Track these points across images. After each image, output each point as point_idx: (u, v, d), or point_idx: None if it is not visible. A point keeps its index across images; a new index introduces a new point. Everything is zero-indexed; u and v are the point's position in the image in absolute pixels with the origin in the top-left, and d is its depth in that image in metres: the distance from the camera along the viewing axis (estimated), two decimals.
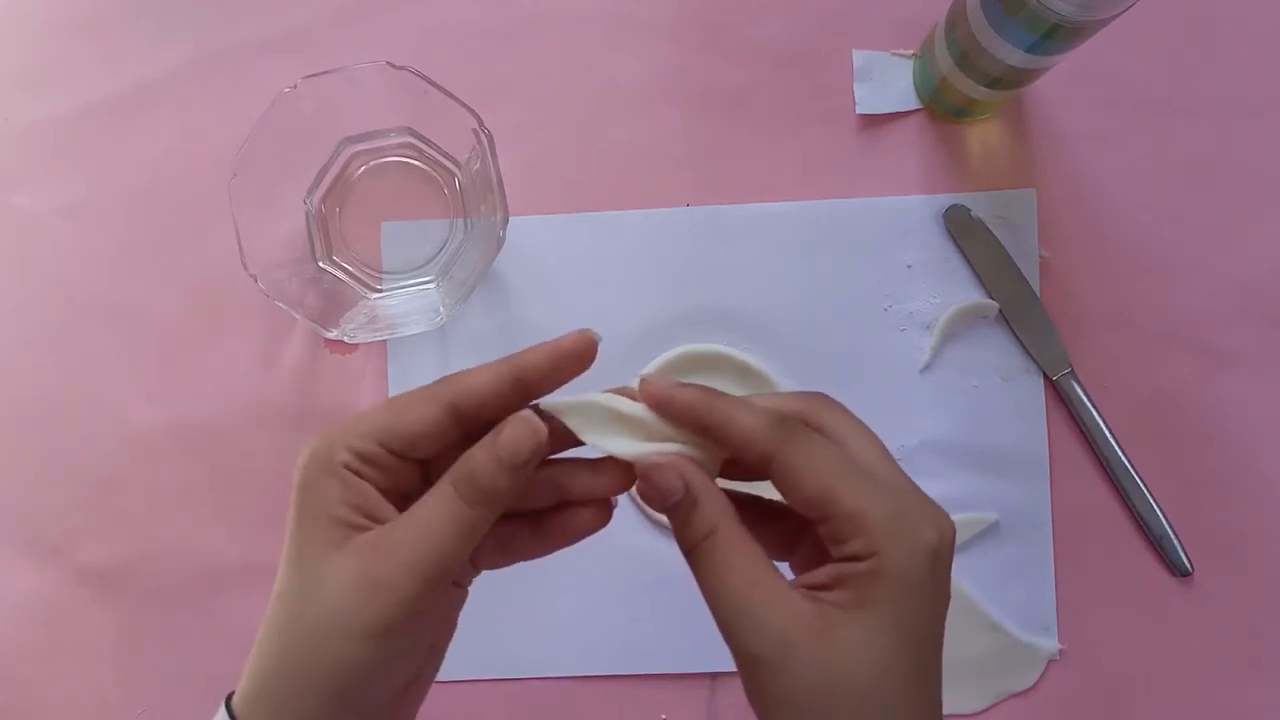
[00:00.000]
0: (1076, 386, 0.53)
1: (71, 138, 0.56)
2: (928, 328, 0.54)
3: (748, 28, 0.55)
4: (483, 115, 0.48)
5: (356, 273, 0.55)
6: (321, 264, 0.54)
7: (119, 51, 0.56)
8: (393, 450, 0.30)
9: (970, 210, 0.54)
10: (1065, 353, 0.53)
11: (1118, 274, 0.54)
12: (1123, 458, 0.52)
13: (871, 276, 0.54)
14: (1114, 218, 0.54)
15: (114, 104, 0.56)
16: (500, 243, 0.48)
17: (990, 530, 0.53)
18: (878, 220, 0.54)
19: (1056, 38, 0.42)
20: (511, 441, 0.29)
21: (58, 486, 0.55)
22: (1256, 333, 0.53)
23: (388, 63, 0.48)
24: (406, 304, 0.54)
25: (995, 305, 0.53)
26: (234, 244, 0.48)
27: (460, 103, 0.48)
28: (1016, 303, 0.53)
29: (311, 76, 0.48)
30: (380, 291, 0.55)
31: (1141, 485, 0.52)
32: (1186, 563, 0.52)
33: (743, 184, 0.55)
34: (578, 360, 0.30)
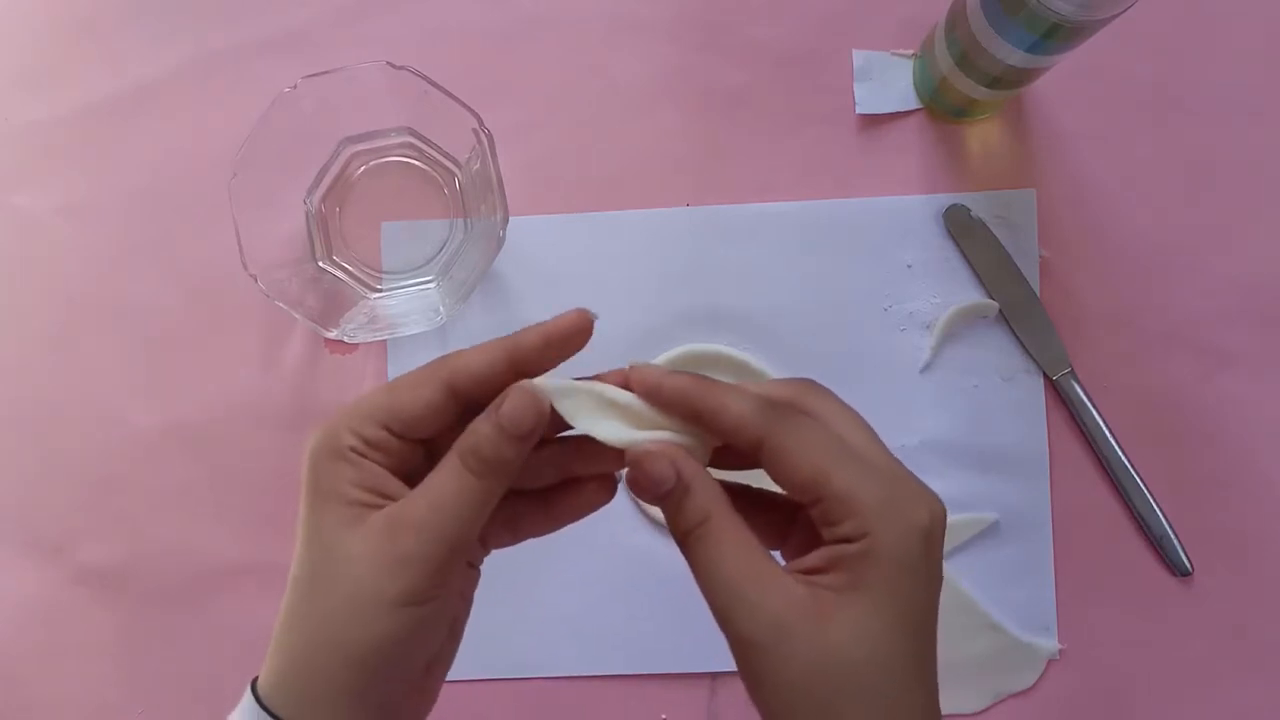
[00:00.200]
0: (1076, 386, 0.53)
1: (71, 138, 0.56)
2: (928, 328, 0.54)
3: (748, 28, 0.55)
4: (483, 115, 0.48)
5: (356, 273, 0.55)
6: (321, 264, 0.54)
7: (119, 51, 0.56)
8: (395, 432, 0.30)
9: (970, 210, 0.54)
10: (1065, 353, 0.53)
11: (1118, 274, 0.54)
12: (1123, 458, 0.52)
13: (871, 276, 0.54)
14: (1114, 218, 0.54)
15: (114, 104, 0.56)
16: (500, 243, 0.48)
17: (990, 530, 0.53)
18: (878, 220, 0.54)
19: (1056, 38, 0.42)
20: (513, 411, 0.29)
21: (58, 486, 0.55)
22: (1256, 333, 0.53)
23: (388, 63, 0.48)
24: (406, 304, 0.54)
25: (995, 305, 0.53)
26: (234, 244, 0.48)
27: (460, 103, 0.48)
28: (1016, 303, 0.53)
29: (311, 76, 0.48)
30: (380, 291, 0.55)
31: (1141, 485, 0.52)
32: (1186, 563, 0.52)
33: (743, 184, 0.55)
34: (574, 339, 0.30)
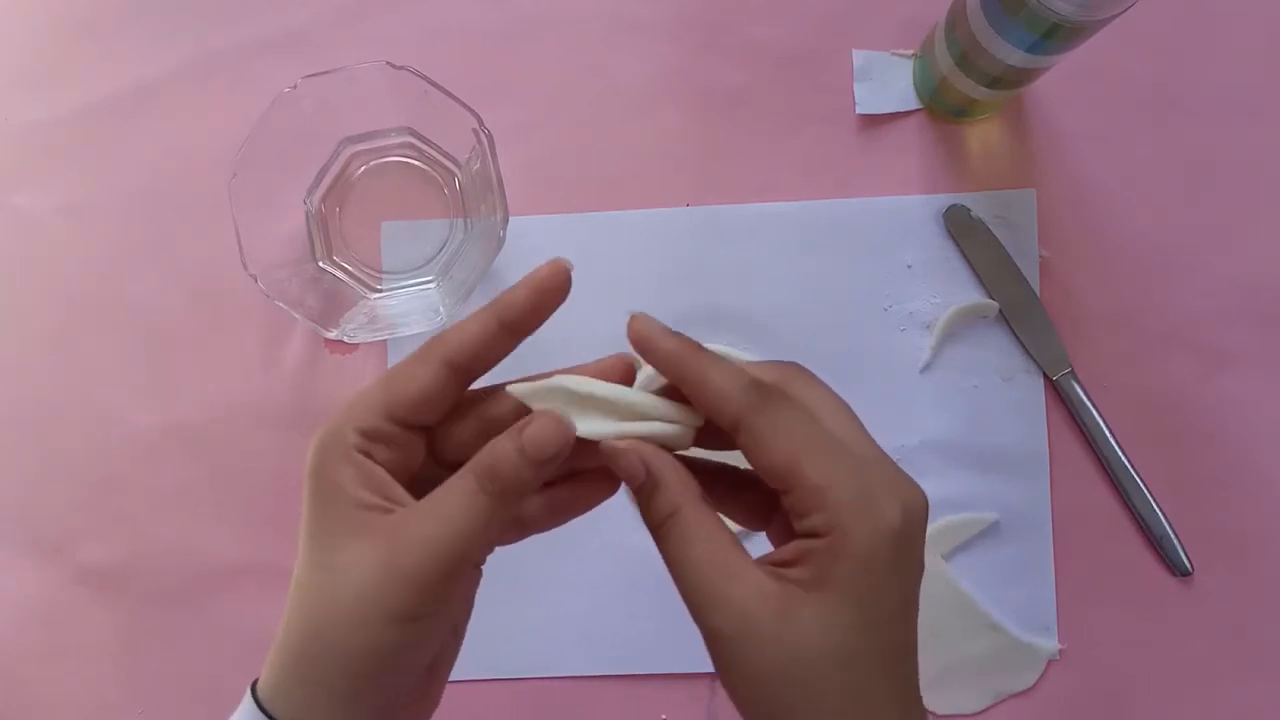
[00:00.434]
0: (1076, 386, 0.53)
1: (71, 138, 0.56)
2: (928, 328, 0.54)
3: (748, 28, 0.55)
4: (483, 115, 0.48)
5: (356, 273, 0.55)
6: (321, 264, 0.54)
7: (119, 51, 0.56)
8: (398, 420, 0.30)
9: (970, 210, 0.54)
10: (1065, 353, 0.53)
11: (1118, 274, 0.54)
12: (1123, 458, 0.52)
13: (871, 276, 0.54)
14: (1114, 218, 0.54)
15: (114, 104, 0.56)
16: (500, 243, 0.48)
17: (990, 530, 0.53)
18: (878, 220, 0.54)
19: (1056, 38, 0.42)
20: (539, 435, 0.28)
21: (58, 486, 0.55)
22: (1256, 333, 0.53)
23: (388, 63, 0.48)
24: (406, 304, 0.54)
25: (995, 305, 0.53)
26: (234, 244, 0.48)
27: (460, 103, 0.48)
28: (1016, 303, 0.53)
29: (311, 76, 0.48)
30: (380, 291, 0.55)
31: (1141, 485, 0.52)
32: (1186, 563, 0.52)
33: (743, 184, 0.55)
34: (556, 291, 0.30)
